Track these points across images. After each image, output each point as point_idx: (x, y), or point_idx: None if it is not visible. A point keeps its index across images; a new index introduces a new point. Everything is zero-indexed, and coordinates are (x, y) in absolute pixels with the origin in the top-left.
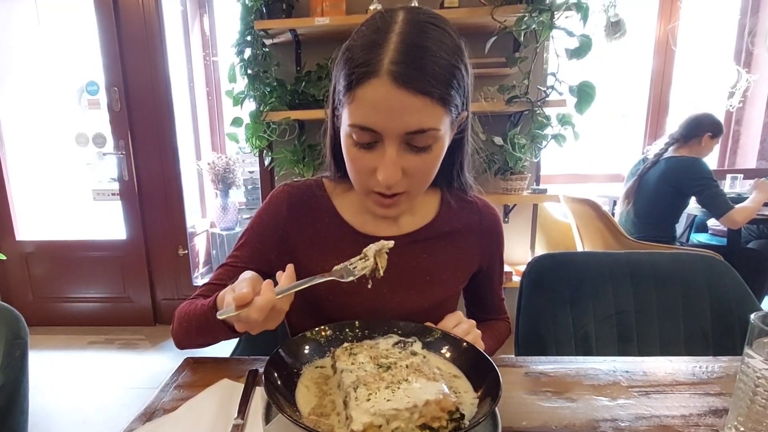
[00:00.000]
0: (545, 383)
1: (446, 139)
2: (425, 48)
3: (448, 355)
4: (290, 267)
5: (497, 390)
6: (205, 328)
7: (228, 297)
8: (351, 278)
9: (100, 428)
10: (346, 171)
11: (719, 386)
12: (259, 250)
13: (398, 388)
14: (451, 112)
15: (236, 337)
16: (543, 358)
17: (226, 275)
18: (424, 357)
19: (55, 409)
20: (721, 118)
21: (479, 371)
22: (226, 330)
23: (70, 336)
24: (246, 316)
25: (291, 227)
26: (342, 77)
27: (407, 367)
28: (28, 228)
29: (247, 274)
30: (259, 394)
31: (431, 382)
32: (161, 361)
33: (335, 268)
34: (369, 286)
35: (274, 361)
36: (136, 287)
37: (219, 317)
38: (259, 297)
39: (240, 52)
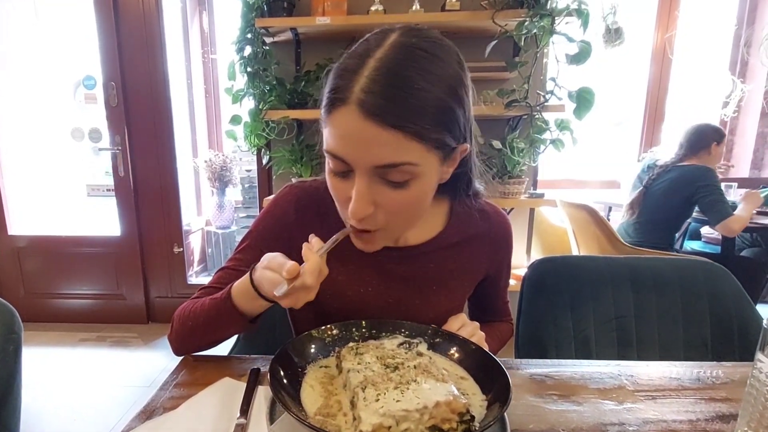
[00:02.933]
0: (551, 386)
1: (432, 175)
2: (404, 77)
3: (455, 356)
4: (312, 235)
5: (507, 394)
6: (216, 321)
7: (268, 274)
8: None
9: (91, 426)
10: None
11: (725, 392)
12: (263, 252)
13: (407, 388)
14: (436, 148)
15: (250, 330)
16: (547, 361)
17: (226, 279)
18: (430, 358)
19: (45, 406)
20: None
21: (487, 373)
22: (242, 321)
23: (61, 333)
24: (302, 284)
25: (299, 231)
26: (323, 98)
27: (415, 367)
28: (20, 222)
29: (272, 254)
30: (262, 394)
31: (440, 383)
32: (153, 360)
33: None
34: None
35: (280, 360)
36: (130, 284)
37: (277, 294)
38: (306, 263)
39: (240, 50)
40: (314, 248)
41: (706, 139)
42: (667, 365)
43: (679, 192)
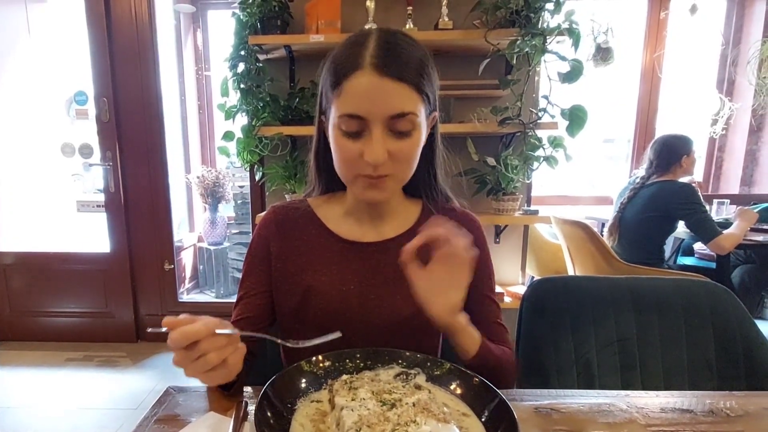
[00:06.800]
0: (558, 421)
1: (423, 130)
2: (399, 45)
3: (458, 391)
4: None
5: None
6: None
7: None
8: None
9: None
10: (328, 184)
11: (741, 425)
12: (264, 273)
13: (406, 431)
14: (425, 101)
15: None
16: (552, 391)
17: (246, 310)
18: (429, 392)
19: (28, 429)
20: (705, 145)
21: (491, 410)
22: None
23: (46, 352)
24: (169, 338)
25: (280, 243)
26: (328, 78)
27: (414, 405)
28: (7, 238)
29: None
30: (250, 430)
31: (442, 423)
32: (142, 381)
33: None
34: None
35: (267, 395)
36: (119, 302)
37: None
38: (188, 325)
39: (233, 66)
40: (211, 324)
41: (675, 153)
42: (677, 396)
43: (655, 208)
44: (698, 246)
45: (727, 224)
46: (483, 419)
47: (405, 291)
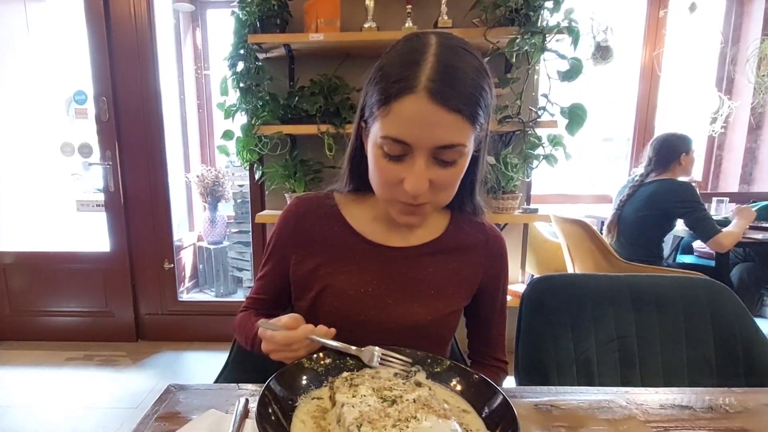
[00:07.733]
0: (558, 417)
1: (470, 155)
2: (458, 69)
3: (458, 388)
4: (333, 330)
5: (515, 430)
6: (257, 345)
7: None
8: (373, 368)
9: None
10: (358, 183)
11: (740, 422)
12: (280, 263)
13: (406, 426)
14: (476, 129)
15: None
16: (551, 388)
17: (265, 288)
18: (430, 389)
19: (28, 429)
20: (704, 143)
21: (491, 406)
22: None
23: (47, 351)
24: (271, 336)
25: (299, 238)
26: (376, 92)
27: (414, 401)
28: (7, 238)
29: (294, 315)
30: (251, 427)
31: (442, 419)
32: (142, 380)
33: (369, 347)
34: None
35: (268, 392)
36: (119, 301)
37: (259, 324)
38: (294, 331)
39: (233, 65)
40: (307, 329)
41: (675, 151)
42: (676, 392)
43: (654, 207)
44: (697, 244)
45: (726, 222)
46: (483, 416)
47: (424, 298)
